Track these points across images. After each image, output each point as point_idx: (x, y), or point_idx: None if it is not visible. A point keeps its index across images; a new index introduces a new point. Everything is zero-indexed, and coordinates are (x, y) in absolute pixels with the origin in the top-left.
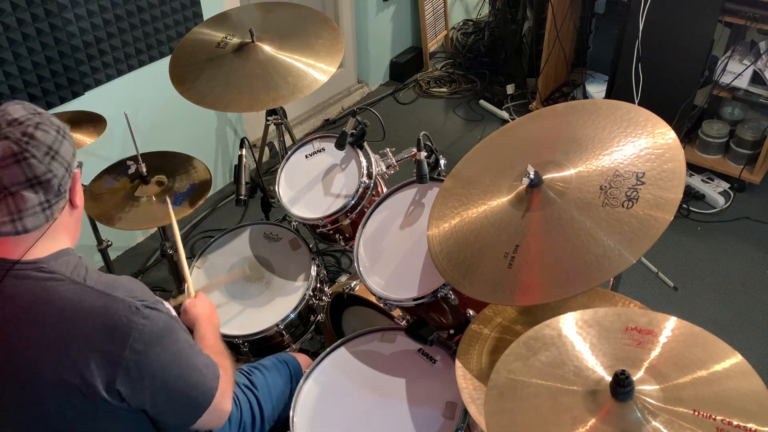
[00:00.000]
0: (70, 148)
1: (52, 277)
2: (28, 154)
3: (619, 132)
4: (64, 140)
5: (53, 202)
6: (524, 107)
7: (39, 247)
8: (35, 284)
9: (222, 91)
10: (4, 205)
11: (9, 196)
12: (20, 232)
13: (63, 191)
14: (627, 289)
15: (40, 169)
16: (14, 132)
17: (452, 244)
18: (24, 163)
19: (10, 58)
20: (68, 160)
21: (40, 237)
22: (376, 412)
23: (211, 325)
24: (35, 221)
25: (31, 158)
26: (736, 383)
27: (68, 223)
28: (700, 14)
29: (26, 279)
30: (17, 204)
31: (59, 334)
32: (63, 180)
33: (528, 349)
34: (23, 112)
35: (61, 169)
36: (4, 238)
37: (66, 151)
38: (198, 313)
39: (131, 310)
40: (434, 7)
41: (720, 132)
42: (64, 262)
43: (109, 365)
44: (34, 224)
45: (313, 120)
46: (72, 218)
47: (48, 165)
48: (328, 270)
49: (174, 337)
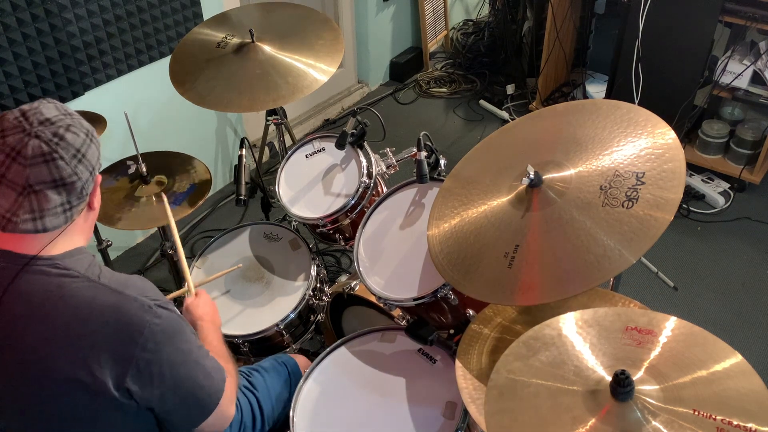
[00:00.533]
0: (96, 152)
1: (67, 273)
2: (57, 155)
3: (619, 132)
4: (92, 144)
5: (74, 204)
6: (524, 107)
7: (54, 245)
8: (49, 281)
9: (222, 91)
10: (28, 203)
11: (33, 194)
12: (39, 231)
13: (85, 194)
14: (627, 289)
15: (66, 171)
16: (45, 132)
17: (452, 244)
18: (52, 164)
19: (10, 58)
20: (93, 164)
21: (57, 236)
22: (376, 412)
23: (214, 327)
24: (55, 221)
25: (59, 159)
26: (736, 383)
27: (84, 224)
28: (700, 14)
29: (41, 275)
30: (40, 203)
31: (71, 331)
32: (86, 183)
33: (528, 349)
34: (55, 112)
35: (86, 172)
36: (23, 234)
37: (92, 155)
38: (201, 313)
39: (144, 308)
40: (434, 7)
41: (720, 132)
42: (79, 260)
43: (120, 363)
44: (53, 224)
45: (313, 120)
46: (88, 219)
47: (74, 168)
48: (328, 270)
49: (184, 338)
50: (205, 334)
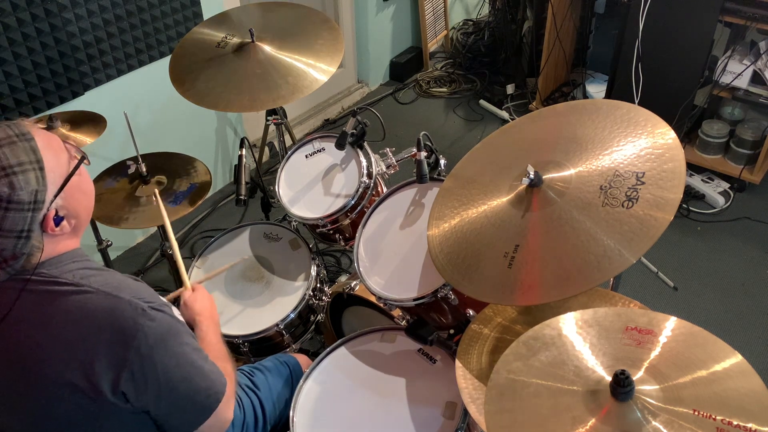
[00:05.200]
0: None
1: (53, 280)
2: None
3: (619, 132)
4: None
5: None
6: (524, 107)
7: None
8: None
9: (222, 91)
10: None
11: None
12: None
13: (23, 252)
14: (627, 289)
15: None
16: None
17: (452, 244)
18: None
19: (10, 58)
20: (20, 229)
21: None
22: (376, 412)
23: (212, 323)
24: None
25: None
26: (736, 383)
27: (62, 239)
28: (700, 14)
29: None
30: None
31: (65, 336)
32: (17, 246)
33: (528, 349)
34: None
35: (10, 241)
36: None
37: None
38: (199, 308)
39: (137, 311)
40: (434, 7)
41: (720, 132)
42: (67, 266)
43: (114, 366)
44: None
45: (313, 120)
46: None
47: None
48: (328, 270)
49: (179, 340)
50: (204, 331)
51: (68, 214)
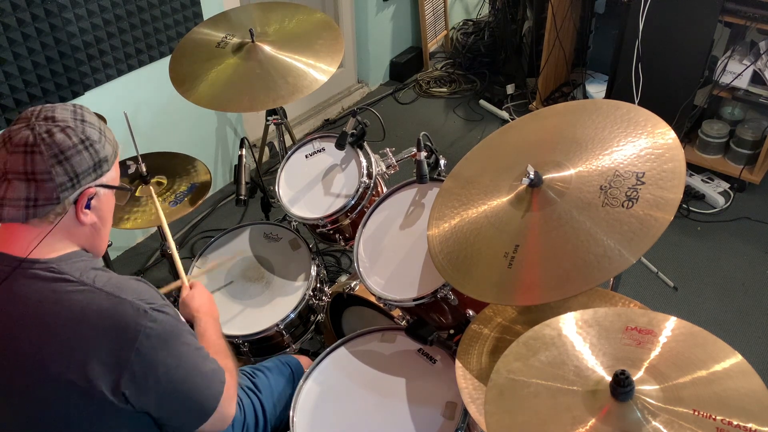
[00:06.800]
0: (87, 162)
1: (61, 278)
2: (37, 149)
3: (619, 132)
4: (84, 152)
5: (40, 203)
6: (524, 107)
7: (48, 248)
8: (45, 285)
9: (222, 91)
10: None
11: (5, 182)
12: None
13: (57, 198)
14: (627, 289)
15: (40, 167)
16: (41, 126)
17: (452, 244)
18: (29, 156)
19: (10, 58)
20: (77, 172)
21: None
22: (376, 412)
23: (212, 319)
24: (12, 214)
25: (38, 154)
26: (736, 383)
27: (77, 232)
28: (700, 14)
29: (36, 279)
30: (6, 191)
31: (66, 336)
32: (62, 188)
33: (528, 349)
34: (66, 115)
35: (64, 176)
36: (13, 234)
37: (80, 163)
38: (197, 305)
39: (139, 312)
40: (434, 7)
41: (720, 132)
42: (75, 264)
43: (115, 367)
44: (9, 216)
45: (313, 120)
46: (81, 229)
47: (51, 166)
48: (328, 270)
49: (180, 341)
50: (204, 328)
51: (96, 209)
